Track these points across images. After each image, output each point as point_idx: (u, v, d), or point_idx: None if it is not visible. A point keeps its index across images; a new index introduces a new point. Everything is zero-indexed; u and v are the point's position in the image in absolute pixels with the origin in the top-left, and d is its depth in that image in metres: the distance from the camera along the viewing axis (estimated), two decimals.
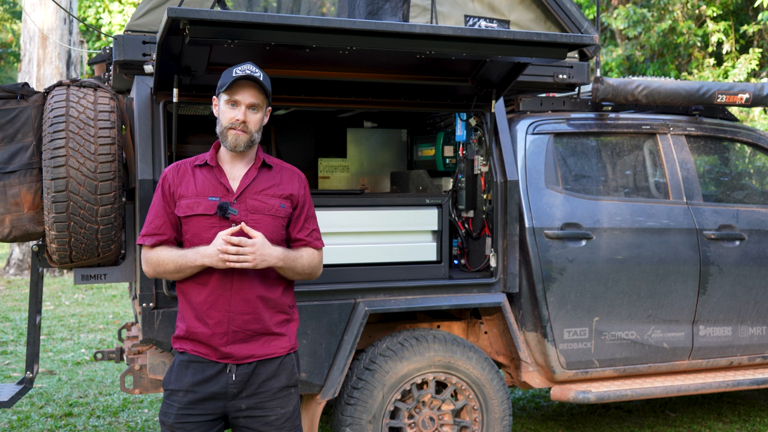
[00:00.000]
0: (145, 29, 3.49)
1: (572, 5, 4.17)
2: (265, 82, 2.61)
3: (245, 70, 2.56)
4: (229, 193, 2.62)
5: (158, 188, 2.68)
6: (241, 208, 2.60)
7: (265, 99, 2.63)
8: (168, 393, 2.65)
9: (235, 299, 2.59)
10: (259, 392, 2.63)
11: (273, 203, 2.65)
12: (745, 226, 4.34)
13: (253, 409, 2.63)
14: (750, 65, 12.06)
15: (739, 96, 4.39)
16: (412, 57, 3.28)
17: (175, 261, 2.57)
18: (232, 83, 2.56)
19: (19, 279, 11.59)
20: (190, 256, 2.55)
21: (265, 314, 2.63)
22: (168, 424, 2.62)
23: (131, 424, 4.96)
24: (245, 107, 2.58)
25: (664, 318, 4.14)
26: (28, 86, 3.31)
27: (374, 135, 5.10)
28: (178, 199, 2.63)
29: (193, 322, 2.61)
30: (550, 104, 4.24)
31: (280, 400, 2.66)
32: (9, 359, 6.63)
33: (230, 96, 2.59)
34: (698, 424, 4.95)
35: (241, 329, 2.59)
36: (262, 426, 2.64)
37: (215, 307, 2.59)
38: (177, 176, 2.65)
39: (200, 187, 2.62)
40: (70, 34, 12.10)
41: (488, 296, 3.85)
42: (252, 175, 2.65)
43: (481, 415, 3.80)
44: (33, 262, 3.56)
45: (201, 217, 2.59)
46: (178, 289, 2.67)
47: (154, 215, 2.65)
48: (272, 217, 2.64)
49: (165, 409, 2.64)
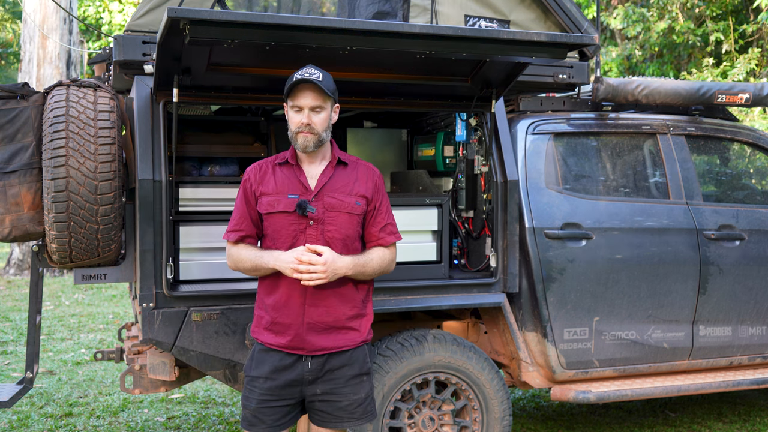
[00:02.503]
0: (145, 29, 3.49)
1: (572, 5, 4.17)
2: (325, 81, 2.69)
3: (303, 74, 2.67)
4: (307, 191, 2.74)
5: (241, 187, 2.83)
6: (319, 206, 2.72)
7: (327, 98, 2.72)
8: (249, 379, 2.80)
9: (310, 293, 2.71)
10: (332, 379, 2.78)
11: (349, 201, 2.76)
12: (745, 226, 4.34)
13: (328, 394, 2.79)
14: (749, 65, 12.06)
15: (739, 96, 4.39)
16: (412, 57, 3.28)
17: (253, 261, 2.74)
18: (292, 89, 2.68)
19: (19, 279, 11.59)
20: (266, 259, 2.71)
21: (338, 308, 2.76)
22: (251, 408, 2.78)
23: (131, 424, 4.96)
24: (308, 110, 2.69)
25: (664, 318, 4.14)
26: (28, 86, 3.30)
27: (374, 135, 5.10)
28: (260, 197, 2.77)
29: (272, 313, 2.75)
30: (550, 104, 4.24)
31: (353, 387, 2.81)
32: (9, 359, 6.63)
33: (293, 101, 2.71)
34: (698, 424, 4.95)
35: (314, 322, 2.72)
36: (335, 410, 2.80)
37: (291, 300, 2.72)
38: (259, 175, 2.80)
39: (280, 185, 2.75)
40: (70, 34, 12.10)
41: (488, 296, 3.85)
42: (329, 174, 2.77)
43: (481, 415, 3.80)
44: (33, 262, 3.56)
45: (281, 214, 2.73)
46: (259, 281, 2.84)
47: (236, 212, 2.81)
48: (348, 214, 2.75)
49: (247, 394, 2.80)
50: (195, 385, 5.78)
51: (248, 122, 4.45)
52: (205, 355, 3.40)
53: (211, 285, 3.50)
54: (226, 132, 4.33)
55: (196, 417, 5.11)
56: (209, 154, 4.20)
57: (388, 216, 2.86)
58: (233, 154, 4.21)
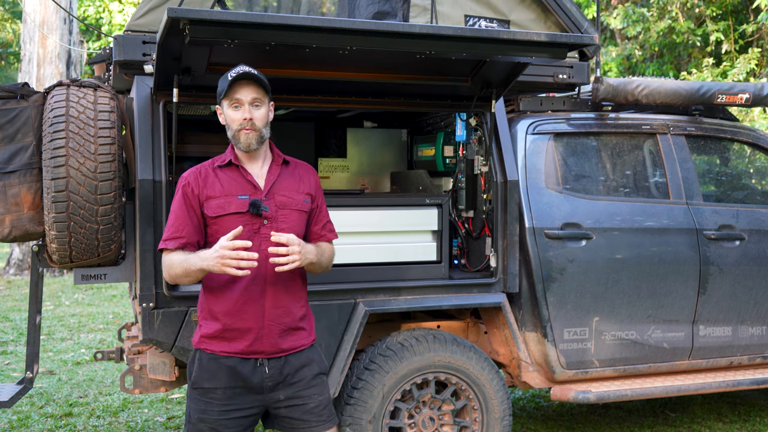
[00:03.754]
0: (145, 29, 3.49)
1: (572, 5, 4.17)
2: (261, 76, 2.65)
3: (239, 71, 2.62)
4: (257, 191, 2.67)
5: (178, 193, 2.69)
6: (270, 205, 2.66)
7: (265, 93, 2.67)
8: (202, 391, 2.66)
9: (269, 295, 2.65)
10: (294, 382, 2.70)
11: (299, 198, 2.73)
12: (745, 226, 4.34)
13: (292, 398, 2.70)
14: (749, 65, 12.07)
15: (739, 96, 4.39)
16: (412, 57, 3.28)
17: (182, 264, 2.58)
18: (229, 86, 2.61)
19: (19, 279, 11.59)
20: (192, 260, 2.56)
21: (292, 308, 2.70)
22: (209, 421, 2.64)
23: (131, 424, 4.96)
24: (248, 105, 2.63)
25: (664, 318, 4.14)
26: (28, 86, 3.30)
27: (374, 135, 5.10)
28: (206, 201, 2.66)
29: (224, 320, 2.64)
30: (550, 104, 4.24)
31: (316, 388, 2.74)
32: (9, 359, 6.63)
33: (231, 98, 2.64)
34: (698, 424, 4.95)
35: (275, 323, 2.65)
36: (303, 414, 2.70)
37: (248, 304, 2.63)
38: (200, 179, 2.69)
39: (227, 187, 2.67)
40: (70, 34, 12.10)
41: (488, 296, 3.85)
42: (276, 172, 2.72)
43: (481, 415, 3.80)
44: (33, 262, 3.56)
45: (233, 215, 2.64)
46: (206, 287, 2.69)
47: (174, 219, 2.67)
48: (299, 212, 2.72)
49: (203, 407, 2.65)
50: None
51: None
52: None
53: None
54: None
55: None
56: (209, 154, 4.19)
57: (327, 214, 2.85)
58: None
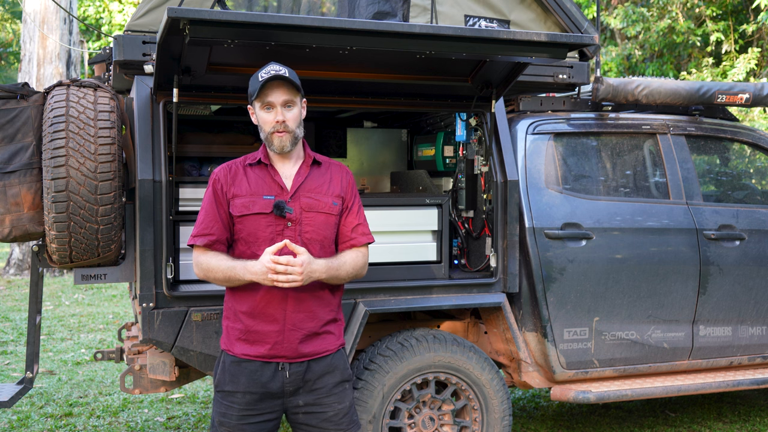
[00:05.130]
0: (145, 29, 3.49)
1: (572, 5, 4.17)
2: (292, 75, 2.60)
3: (270, 72, 2.57)
4: (283, 192, 2.64)
5: (209, 189, 2.68)
6: (296, 207, 2.62)
7: (297, 92, 2.62)
8: (224, 394, 2.65)
9: (291, 298, 2.61)
10: (315, 389, 2.66)
11: (326, 201, 2.67)
12: (745, 226, 4.34)
13: (311, 405, 2.66)
14: (749, 65, 12.07)
15: (739, 96, 4.39)
16: (412, 57, 3.28)
17: (225, 272, 2.58)
18: (260, 88, 2.57)
19: (19, 279, 11.59)
20: (239, 270, 2.55)
21: (318, 313, 2.66)
22: (230, 425, 2.62)
23: (131, 424, 4.96)
24: (280, 107, 2.59)
25: (664, 318, 4.14)
26: (28, 86, 3.30)
27: (374, 135, 5.10)
28: (232, 199, 2.64)
29: (247, 321, 2.62)
30: (550, 104, 4.24)
31: (337, 396, 2.70)
32: (9, 359, 6.63)
33: (263, 101, 2.60)
34: (698, 424, 4.95)
35: (297, 327, 2.62)
36: (320, 422, 2.67)
37: (270, 307, 2.60)
38: (229, 176, 2.66)
39: (254, 186, 2.64)
40: (70, 34, 12.10)
41: (488, 296, 3.85)
42: (304, 173, 2.67)
43: (481, 415, 3.80)
44: (33, 262, 3.56)
45: (257, 216, 2.61)
46: (228, 289, 2.68)
47: (204, 215, 2.66)
48: (326, 215, 2.66)
49: (224, 410, 2.64)
50: (195, 385, 5.78)
51: (248, 122, 4.46)
52: (205, 355, 3.40)
53: (211, 285, 3.50)
54: (226, 132, 4.34)
55: (196, 417, 5.11)
56: (209, 154, 4.21)
57: (359, 216, 2.76)
58: (233, 154, 4.19)
